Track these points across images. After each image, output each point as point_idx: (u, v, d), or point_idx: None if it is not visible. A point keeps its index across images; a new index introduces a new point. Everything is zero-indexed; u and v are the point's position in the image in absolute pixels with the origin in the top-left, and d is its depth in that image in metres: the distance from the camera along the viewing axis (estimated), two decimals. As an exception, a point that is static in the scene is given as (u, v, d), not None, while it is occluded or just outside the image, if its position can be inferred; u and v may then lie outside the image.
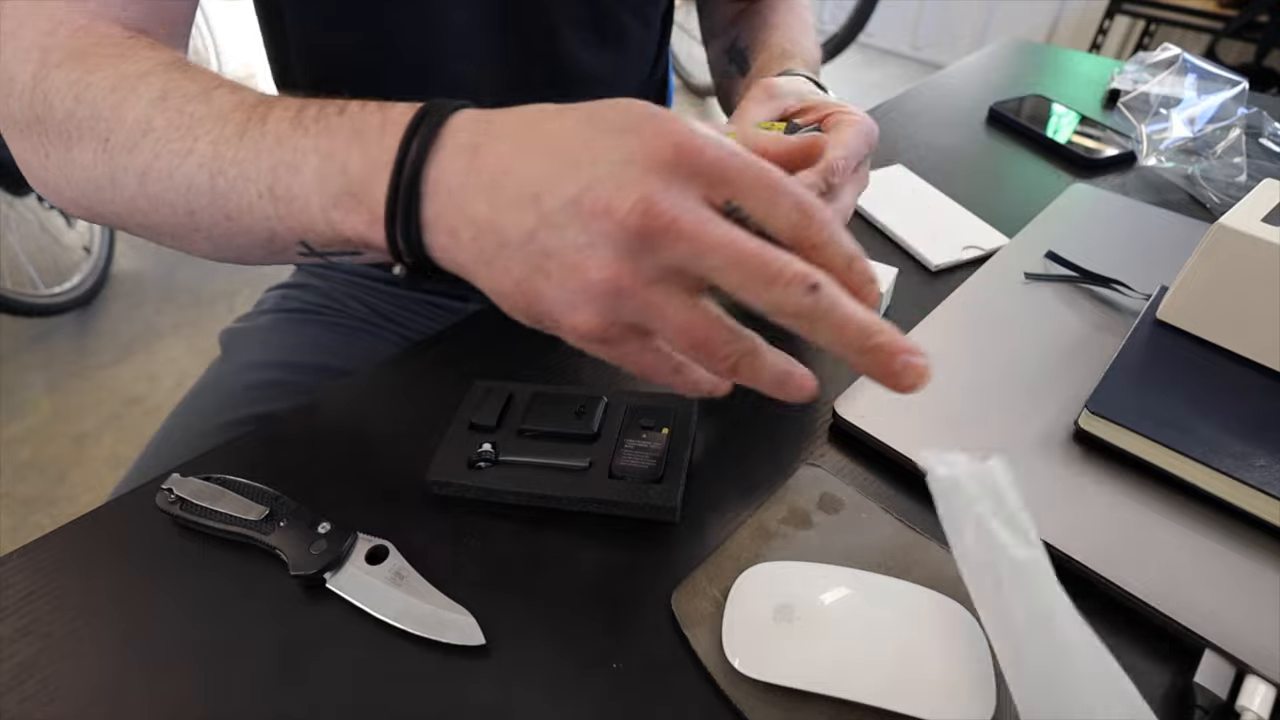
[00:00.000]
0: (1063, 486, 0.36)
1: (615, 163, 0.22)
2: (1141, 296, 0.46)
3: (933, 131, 0.70)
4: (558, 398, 0.39)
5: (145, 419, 1.46)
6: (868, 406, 0.39)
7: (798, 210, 0.23)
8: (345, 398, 0.43)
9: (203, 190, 0.30)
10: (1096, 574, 0.32)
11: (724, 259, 0.22)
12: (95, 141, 0.32)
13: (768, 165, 0.23)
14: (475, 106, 0.27)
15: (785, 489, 0.36)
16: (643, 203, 0.21)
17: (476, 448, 0.37)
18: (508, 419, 0.38)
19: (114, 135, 0.31)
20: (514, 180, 0.23)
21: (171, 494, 0.35)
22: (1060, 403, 0.39)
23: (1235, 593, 0.31)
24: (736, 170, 0.22)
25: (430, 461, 0.37)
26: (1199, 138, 0.63)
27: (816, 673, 0.29)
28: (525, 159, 0.24)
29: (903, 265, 0.53)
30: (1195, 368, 0.39)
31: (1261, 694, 0.28)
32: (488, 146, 0.24)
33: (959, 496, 0.30)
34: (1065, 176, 0.63)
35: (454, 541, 0.35)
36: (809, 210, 0.23)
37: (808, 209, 0.23)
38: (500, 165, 0.24)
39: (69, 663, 0.31)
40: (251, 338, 0.59)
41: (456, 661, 0.30)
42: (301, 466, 0.38)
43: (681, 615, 0.31)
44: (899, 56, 2.97)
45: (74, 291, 1.70)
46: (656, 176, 0.22)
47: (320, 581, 0.32)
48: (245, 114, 0.29)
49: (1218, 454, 0.34)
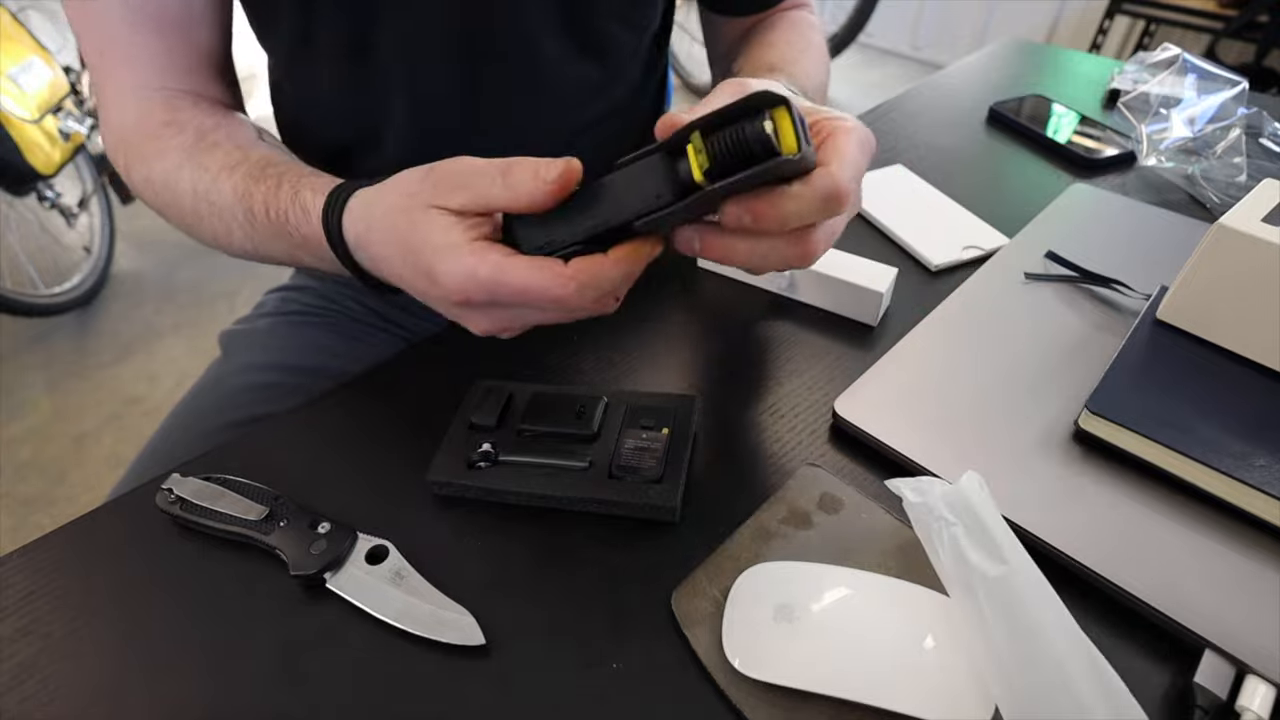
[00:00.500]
0: (1063, 486, 0.36)
1: (436, 300, 0.33)
2: (1141, 296, 0.46)
3: (933, 131, 0.70)
4: (557, 398, 0.39)
5: (145, 419, 1.46)
6: (868, 406, 0.39)
7: (563, 307, 0.30)
8: (345, 398, 0.43)
9: (254, 253, 0.43)
10: (1096, 574, 0.32)
11: (536, 317, 0.33)
12: (175, 219, 0.46)
13: (525, 288, 0.29)
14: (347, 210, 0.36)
15: (785, 489, 0.36)
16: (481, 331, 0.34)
17: (476, 448, 0.37)
18: (508, 419, 0.38)
19: (184, 219, 0.45)
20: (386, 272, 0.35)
21: (171, 494, 0.35)
22: (1060, 403, 0.39)
23: (1235, 593, 0.31)
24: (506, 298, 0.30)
25: (430, 462, 0.36)
26: (1199, 138, 0.63)
27: (816, 673, 0.29)
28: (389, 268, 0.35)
29: (903, 265, 0.53)
30: (1195, 368, 0.39)
31: (1262, 694, 0.28)
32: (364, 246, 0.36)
33: (932, 520, 0.30)
34: (1065, 176, 0.63)
35: (454, 541, 0.35)
36: (569, 308, 0.30)
37: (560, 301, 0.30)
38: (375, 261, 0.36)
39: (69, 662, 0.31)
40: (251, 339, 0.59)
41: (456, 661, 0.30)
42: (301, 466, 0.38)
43: (681, 615, 0.31)
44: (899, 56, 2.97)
45: (74, 291, 1.70)
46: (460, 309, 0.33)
47: (320, 581, 0.32)
48: (243, 208, 0.40)
49: (1218, 454, 0.34)
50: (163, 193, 0.44)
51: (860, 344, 0.45)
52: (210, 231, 0.43)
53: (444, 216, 0.30)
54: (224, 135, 0.44)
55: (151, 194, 0.45)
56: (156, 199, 0.45)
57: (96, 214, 1.84)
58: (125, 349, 1.63)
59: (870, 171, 0.62)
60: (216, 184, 0.41)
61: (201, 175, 0.42)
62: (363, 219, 0.35)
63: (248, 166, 0.41)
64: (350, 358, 0.56)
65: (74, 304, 1.70)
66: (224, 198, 0.41)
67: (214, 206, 0.42)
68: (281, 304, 0.62)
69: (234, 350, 0.59)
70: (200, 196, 0.42)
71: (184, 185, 0.43)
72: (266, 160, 0.42)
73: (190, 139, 0.43)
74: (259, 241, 0.41)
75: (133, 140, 0.45)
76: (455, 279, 0.30)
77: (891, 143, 0.68)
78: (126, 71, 0.45)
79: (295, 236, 0.39)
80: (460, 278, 0.30)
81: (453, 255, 0.30)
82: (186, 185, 0.42)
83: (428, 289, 0.32)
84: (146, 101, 0.45)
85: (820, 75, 0.52)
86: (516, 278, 0.29)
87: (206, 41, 0.47)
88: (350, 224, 0.35)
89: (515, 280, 0.29)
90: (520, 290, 0.29)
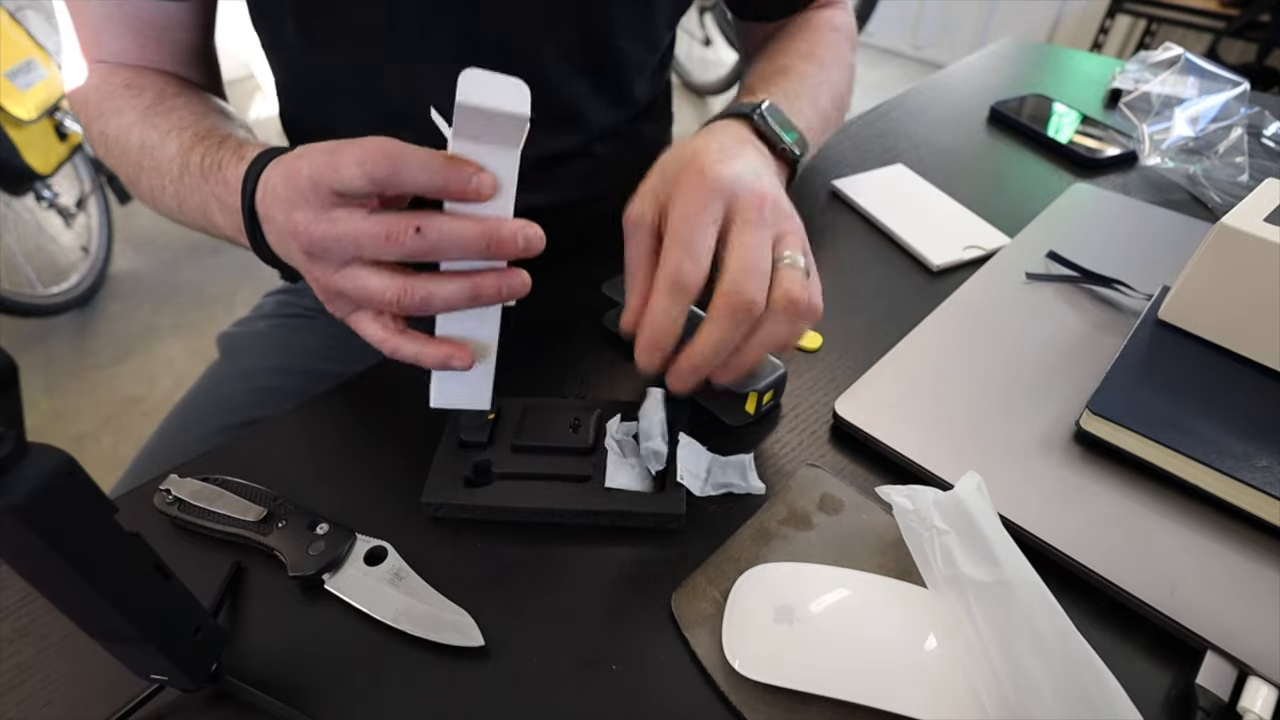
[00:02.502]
0: (1064, 487, 0.35)
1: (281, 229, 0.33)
2: (1143, 296, 0.46)
3: (933, 131, 0.70)
4: (550, 411, 0.38)
5: (144, 420, 1.46)
6: (868, 407, 0.39)
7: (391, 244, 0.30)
8: (343, 400, 0.43)
9: (178, 211, 0.44)
10: (1097, 575, 0.32)
11: (352, 246, 0.30)
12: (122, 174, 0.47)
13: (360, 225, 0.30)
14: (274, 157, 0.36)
15: (785, 490, 0.36)
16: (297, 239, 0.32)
17: (470, 466, 0.36)
18: (499, 435, 0.38)
19: (128, 173, 0.46)
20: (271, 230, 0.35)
21: (169, 495, 0.35)
22: (1061, 403, 0.39)
23: (1237, 594, 0.31)
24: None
25: (423, 484, 0.36)
26: (1201, 137, 0.63)
27: (816, 674, 0.29)
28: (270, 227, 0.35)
29: (903, 265, 0.53)
30: (1197, 368, 0.39)
31: (1263, 695, 0.28)
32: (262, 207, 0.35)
33: (923, 530, 0.30)
34: (1066, 176, 0.63)
35: (453, 542, 0.35)
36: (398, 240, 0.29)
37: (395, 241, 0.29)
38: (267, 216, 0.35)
39: (67, 664, 0.31)
40: (250, 342, 0.59)
41: (455, 663, 0.30)
42: (300, 467, 0.38)
43: (681, 616, 0.31)
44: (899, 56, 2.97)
45: (72, 292, 1.70)
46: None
47: (319, 583, 0.32)
48: (181, 160, 0.41)
49: (1219, 454, 0.34)
50: (113, 148, 0.45)
51: (860, 345, 0.45)
52: (148, 186, 0.44)
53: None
54: (184, 102, 0.45)
55: (104, 150, 0.46)
56: (108, 154, 0.46)
57: (94, 214, 1.83)
58: (123, 350, 1.63)
59: (871, 171, 0.62)
60: (164, 140, 0.42)
61: (150, 132, 0.43)
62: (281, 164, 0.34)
63: (198, 129, 0.42)
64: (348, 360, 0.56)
65: (72, 304, 1.69)
66: (167, 152, 0.42)
67: (155, 161, 0.42)
68: (279, 307, 0.62)
69: (232, 353, 0.59)
70: (146, 150, 0.43)
71: (133, 141, 0.43)
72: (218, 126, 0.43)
73: (149, 100, 0.44)
74: (183, 195, 0.42)
75: (92, 99, 0.46)
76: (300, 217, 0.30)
77: (892, 142, 0.68)
78: (96, 51, 0.47)
79: (217, 184, 0.39)
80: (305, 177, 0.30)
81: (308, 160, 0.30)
82: (135, 141, 0.43)
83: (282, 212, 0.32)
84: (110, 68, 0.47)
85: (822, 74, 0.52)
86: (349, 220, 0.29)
87: (184, 40, 0.48)
88: (270, 168, 0.35)
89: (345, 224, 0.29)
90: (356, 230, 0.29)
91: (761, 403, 0.39)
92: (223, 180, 0.38)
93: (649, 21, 0.53)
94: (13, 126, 1.48)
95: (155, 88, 0.45)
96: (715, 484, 0.36)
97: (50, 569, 0.21)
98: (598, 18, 0.49)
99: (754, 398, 0.38)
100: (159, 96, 0.45)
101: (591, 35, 0.50)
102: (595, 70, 0.52)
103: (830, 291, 0.50)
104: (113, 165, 0.47)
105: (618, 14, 0.50)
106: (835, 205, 0.59)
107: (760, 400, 0.39)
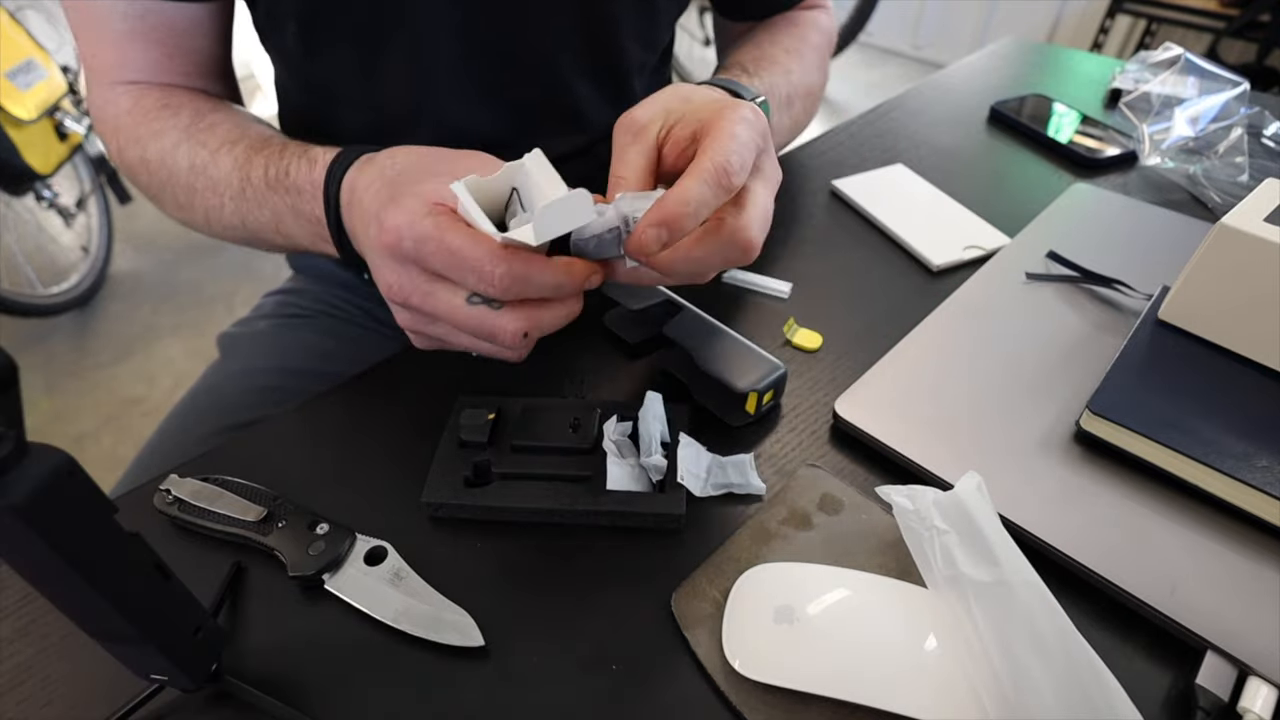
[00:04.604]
0: (1064, 487, 0.35)
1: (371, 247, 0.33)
2: (1143, 296, 0.46)
3: (933, 131, 0.70)
4: (550, 411, 0.38)
5: (143, 420, 1.46)
6: (868, 407, 0.39)
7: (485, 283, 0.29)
8: (343, 399, 0.43)
9: (241, 229, 0.43)
10: (1097, 575, 0.32)
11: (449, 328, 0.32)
12: (168, 201, 0.46)
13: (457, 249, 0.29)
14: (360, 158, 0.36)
15: (785, 490, 0.36)
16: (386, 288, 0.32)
17: (470, 466, 0.36)
18: (499, 435, 0.38)
19: (178, 196, 0.44)
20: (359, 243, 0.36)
21: (169, 495, 0.35)
22: (1061, 403, 0.39)
23: (1237, 594, 0.31)
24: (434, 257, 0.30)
25: (423, 484, 0.36)
26: (1201, 137, 0.63)
27: (817, 674, 0.29)
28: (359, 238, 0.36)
29: (903, 265, 0.53)
30: (1197, 368, 0.39)
31: (1264, 696, 0.28)
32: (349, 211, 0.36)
33: (923, 530, 0.30)
34: (1066, 176, 0.63)
35: (453, 542, 0.35)
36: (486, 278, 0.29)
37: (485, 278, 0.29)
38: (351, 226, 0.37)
39: (67, 664, 0.31)
40: (250, 342, 0.59)
41: (455, 663, 0.30)
42: (300, 467, 0.38)
43: (681, 616, 0.31)
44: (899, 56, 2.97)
45: (72, 292, 1.70)
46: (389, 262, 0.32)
47: (319, 583, 0.32)
48: (240, 175, 0.40)
49: (1219, 454, 0.34)
50: (158, 172, 0.44)
51: (860, 345, 0.45)
52: (202, 207, 0.43)
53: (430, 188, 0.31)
54: (223, 116, 0.44)
55: (146, 175, 0.45)
56: (152, 180, 0.45)
57: (94, 214, 1.83)
58: (123, 350, 1.63)
59: (871, 171, 0.62)
60: (215, 157, 0.41)
61: (199, 150, 0.42)
62: (374, 165, 0.34)
63: (249, 140, 0.41)
64: (348, 360, 0.56)
65: (72, 304, 1.69)
66: (221, 169, 0.41)
67: (209, 180, 0.41)
68: (279, 307, 0.62)
69: (232, 353, 0.59)
70: (197, 171, 0.42)
71: (181, 161, 0.42)
72: (269, 134, 0.42)
73: (187, 119, 0.43)
74: (246, 211, 0.41)
75: (125, 125, 0.45)
76: (396, 220, 0.30)
77: (892, 142, 0.68)
78: (121, 71, 0.46)
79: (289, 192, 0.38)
80: (401, 220, 0.30)
81: (415, 202, 0.30)
82: (184, 162, 0.42)
83: (372, 234, 0.32)
84: (140, 90, 0.45)
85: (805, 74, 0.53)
86: (454, 239, 0.29)
87: (206, 49, 0.48)
88: (359, 167, 0.35)
89: (450, 239, 0.29)
90: (453, 251, 0.29)
91: (761, 402, 0.39)
92: (294, 189, 0.38)
93: (651, 21, 0.53)
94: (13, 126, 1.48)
95: (191, 105, 0.44)
96: (715, 484, 0.36)
97: (50, 569, 0.21)
98: (600, 17, 0.49)
99: (754, 397, 0.38)
100: (196, 114, 0.44)
101: (594, 35, 0.50)
102: (598, 70, 0.52)
103: (830, 291, 0.50)
104: (155, 191, 0.45)
105: (620, 14, 0.50)
106: (835, 205, 0.59)
107: (760, 400, 0.39)
